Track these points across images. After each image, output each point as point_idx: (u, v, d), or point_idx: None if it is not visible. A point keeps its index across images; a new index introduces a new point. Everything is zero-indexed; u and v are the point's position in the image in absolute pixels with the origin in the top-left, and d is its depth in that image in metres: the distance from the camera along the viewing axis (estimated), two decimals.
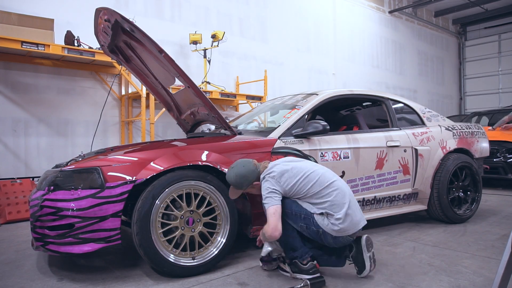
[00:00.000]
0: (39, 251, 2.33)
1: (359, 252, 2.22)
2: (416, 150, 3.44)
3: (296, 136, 2.86)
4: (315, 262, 2.23)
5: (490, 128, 6.20)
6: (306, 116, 3.10)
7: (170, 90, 3.39)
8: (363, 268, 2.22)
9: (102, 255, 2.76)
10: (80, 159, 2.61)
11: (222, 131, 3.19)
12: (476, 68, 13.50)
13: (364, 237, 2.23)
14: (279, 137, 2.81)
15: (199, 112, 3.23)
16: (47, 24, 4.38)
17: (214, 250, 2.40)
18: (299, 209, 2.22)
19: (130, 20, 2.53)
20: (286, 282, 2.22)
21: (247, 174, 2.23)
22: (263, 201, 2.16)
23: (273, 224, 2.07)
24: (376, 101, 3.77)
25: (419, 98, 11.42)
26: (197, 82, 6.04)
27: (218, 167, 2.45)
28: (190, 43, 5.92)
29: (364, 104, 4.12)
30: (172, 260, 2.25)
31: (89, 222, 2.12)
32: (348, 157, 3.07)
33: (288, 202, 2.23)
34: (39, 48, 4.17)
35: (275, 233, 2.07)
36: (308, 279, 2.13)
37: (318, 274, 2.18)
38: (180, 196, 2.32)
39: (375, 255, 2.27)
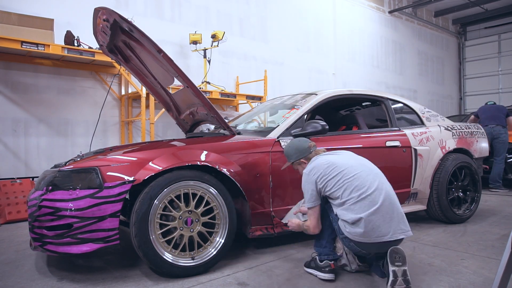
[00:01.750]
0: (38, 251, 2.32)
1: (386, 262, 2.03)
2: (415, 150, 3.43)
3: (295, 136, 2.85)
4: (331, 262, 2.27)
5: None
6: (306, 116, 3.09)
7: (169, 90, 3.39)
8: (388, 280, 2.01)
9: (101, 255, 2.76)
10: (79, 159, 2.60)
11: (221, 131, 3.19)
12: (476, 68, 13.49)
13: (390, 249, 2.02)
14: (278, 137, 2.81)
15: (198, 112, 3.22)
16: (47, 24, 4.38)
17: (213, 250, 2.39)
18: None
19: (129, 20, 2.52)
20: (287, 281, 2.22)
21: (298, 149, 2.38)
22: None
23: (313, 224, 2.24)
24: (376, 101, 3.77)
25: (419, 98, 11.41)
26: (197, 82, 6.04)
27: (217, 167, 2.44)
28: (190, 43, 5.91)
29: (363, 104, 4.12)
30: (171, 261, 2.25)
31: (88, 222, 2.12)
32: None
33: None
34: (39, 48, 4.17)
35: (316, 231, 2.26)
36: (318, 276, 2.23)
37: (331, 275, 2.23)
38: (178, 197, 2.32)
39: (408, 275, 1.99)
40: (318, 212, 2.23)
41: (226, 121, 3.30)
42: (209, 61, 6.08)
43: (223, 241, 2.42)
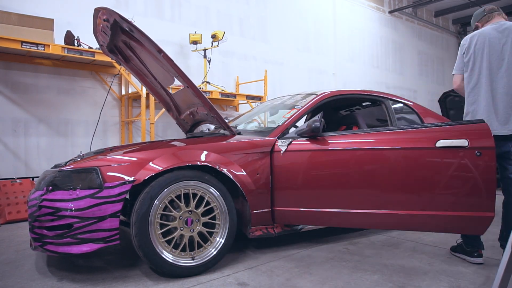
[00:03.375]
0: (38, 251, 2.32)
1: None
2: None
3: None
4: None
5: None
6: (306, 116, 3.09)
7: (170, 90, 3.39)
8: None
9: (101, 255, 2.76)
10: (79, 159, 2.60)
11: (221, 131, 3.18)
12: None
13: None
14: (278, 137, 2.81)
15: (198, 112, 3.22)
16: (47, 24, 4.38)
17: (213, 250, 2.40)
18: None
19: (129, 20, 2.52)
20: (287, 281, 2.22)
21: (474, 15, 2.81)
22: None
23: None
24: (376, 101, 3.76)
25: (419, 98, 11.40)
26: (197, 82, 6.04)
27: (217, 167, 2.44)
28: (190, 43, 5.91)
29: (363, 104, 4.12)
30: (171, 261, 2.25)
31: (88, 222, 2.12)
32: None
33: None
34: (39, 48, 4.17)
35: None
36: None
37: None
38: (178, 197, 2.32)
39: None
40: None
41: (226, 121, 3.30)
42: (209, 61, 6.08)
43: (223, 241, 2.42)
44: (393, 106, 3.67)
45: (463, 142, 2.43)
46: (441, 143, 2.45)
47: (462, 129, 2.48)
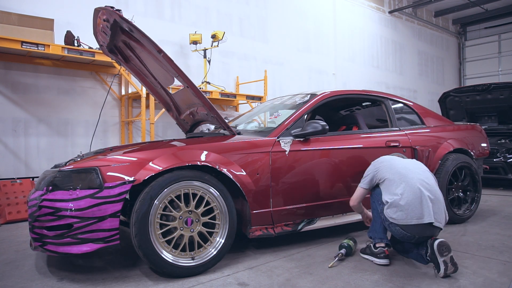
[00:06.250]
0: (38, 251, 2.32)
1: (433, 254, 2.28)
2: (415, 150, 3.43)
3: (295, 136, 2.85)
4: (385, 248, 2.51)
5: None
6: (306, 116, 3.10)
7: (170, 90, 3.39)
8: (438, 269, 2.27)
9: (101, 255, 2.76)
10: (79, 159, 2.60)
11: (221, 131, 3.18)
12: (476, 68, 13.49)
13: (436, 242, 2.28)
14: (278, 137, 2.81)
15: (198, 112, 3.22)
16: (47, 24, 4.37)
17: (213, 250, 2.40)
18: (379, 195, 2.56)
19: (129, 20, 2.52)
20: (287, 281, 2.22)
21: None
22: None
23: (353, 197, 2.73)
24: (376, 101, 3.77)
25: (419, 98, 11.40)
26: (197, 82, 6.03)
27: (217, 167, 2.44)
28: (190, 43, 5.91)
29: (363, 104, 4.12)
30: (171, 261, 2.25)
31: (88, 222, 2.12)
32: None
33: (377, 189, 2.63)
34: (39, 48, 4.17)
35: (351, 203, 2.75)
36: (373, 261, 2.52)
37: (386, 260, 2.47)
38: (178, 197, 2.32)
39: (454, 259, 2.29)
40: (361, 193, 2.71)
41: (226, 121, 3.30)
42: (209, 61, 6.08)
43: (223, 241, 2.42)
44: (393, 106, 3.67)
45: (397, 143, 3.37)
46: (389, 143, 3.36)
47: (396, 135, 3.45)
